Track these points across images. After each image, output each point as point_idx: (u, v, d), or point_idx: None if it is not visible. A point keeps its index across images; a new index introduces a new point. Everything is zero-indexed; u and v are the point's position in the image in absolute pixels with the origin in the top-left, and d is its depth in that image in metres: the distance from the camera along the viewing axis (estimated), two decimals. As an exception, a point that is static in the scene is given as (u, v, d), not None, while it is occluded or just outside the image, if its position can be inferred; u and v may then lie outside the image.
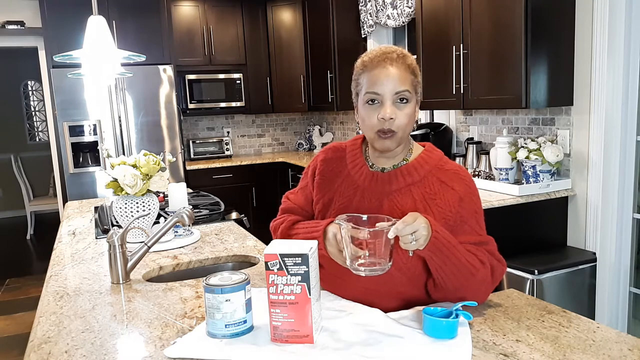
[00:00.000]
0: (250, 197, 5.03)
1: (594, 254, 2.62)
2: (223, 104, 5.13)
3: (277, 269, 1.07)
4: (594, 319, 2.33)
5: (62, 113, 4.26)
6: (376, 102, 1.25)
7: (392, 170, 1.32)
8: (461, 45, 2.92)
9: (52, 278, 1.66)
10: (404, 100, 1.24)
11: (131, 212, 1.92)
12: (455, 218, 1.25)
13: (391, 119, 1.23)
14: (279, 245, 1.11)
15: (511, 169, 2.81)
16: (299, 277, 1.07)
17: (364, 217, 1.18)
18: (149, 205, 1.94)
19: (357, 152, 1.39)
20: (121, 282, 1.57)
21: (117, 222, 2.13)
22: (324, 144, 5.48)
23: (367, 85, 1.26)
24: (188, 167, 4.79)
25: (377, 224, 1.12)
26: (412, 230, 1.10)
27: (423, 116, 3.90)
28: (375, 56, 1.27)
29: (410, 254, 1.17)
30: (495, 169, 2.88)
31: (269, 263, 1.08)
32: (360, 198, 1.33)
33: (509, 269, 2.52)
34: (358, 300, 1.29)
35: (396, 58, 1.25)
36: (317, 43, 4.85)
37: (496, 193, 2.70)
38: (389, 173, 1.32)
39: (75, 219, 2.60)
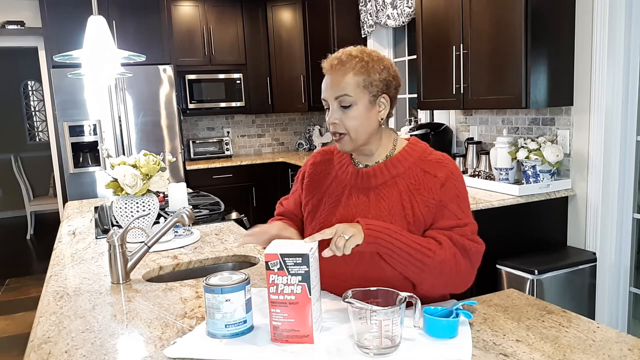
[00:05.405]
0: (250, 197, 5.03)
1: (594, 254, 2.62)
2: (223, 104, 5.13)
3: (278, 269, 1.08)
4: (594, 319, 2.33)
5: (62, 113, 4.26)
6: (328, 107, 1.31)
7: (377, 165, 1.35)
8: (461, 45, 2.92)
9: (52, 278, 1.66)
10: (347, 104, 1.27)
11: (131, 212, 1.92)
12: (436, 204, 1.26)
13: (335, 123, 1.29)
14: (279, 245, 1.11)
15: (511, 169, 2.80)
16: (300, 277, 1.07)
17: (373, 288, 1.11)
18: (149, 205, 1.94)
19: (343, 153, 1.42)
20: (121, 282, 1.57)
21: (117, 222, 2.13)
22: (324, 144, 5.48)
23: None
24: (188, 167, 4.79)
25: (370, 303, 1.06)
26: (333, 231, 1.14)
27: (423, 116, 3.90)
28: (325, 62, 1.32)
29: (348, 252, 1.14)
30: (495, 169, 2.88)
31: (269, 263, 1.08)
32: (347, 195, 1.36)
33: (509, 269, 2.52)
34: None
35: (336, 64, 1.28)
36: (317, 43, 4.85)
37: (496, 193, 2.70)
38: (374, 168, 1.35)
39: (75, 219, 2.60)
